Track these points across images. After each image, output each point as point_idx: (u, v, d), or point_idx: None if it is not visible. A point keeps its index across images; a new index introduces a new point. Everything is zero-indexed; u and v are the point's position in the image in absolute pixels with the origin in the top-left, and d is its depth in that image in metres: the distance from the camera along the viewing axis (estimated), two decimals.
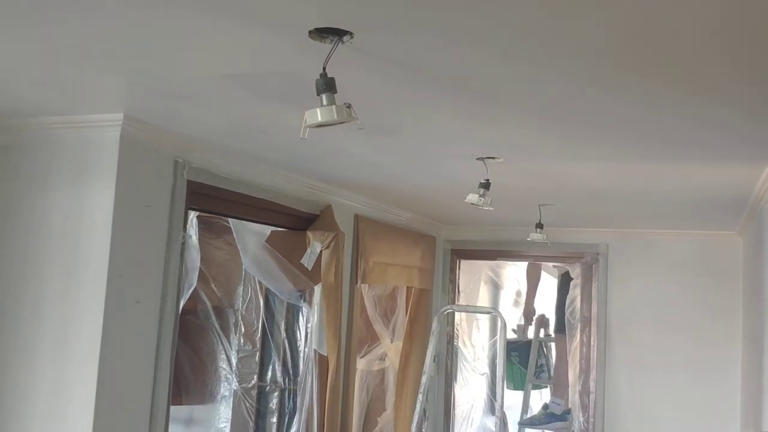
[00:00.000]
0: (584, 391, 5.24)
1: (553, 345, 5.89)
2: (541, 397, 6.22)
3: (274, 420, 4.05)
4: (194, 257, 3.43)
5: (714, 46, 1.56)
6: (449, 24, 1.51)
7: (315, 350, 3.73)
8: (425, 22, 1.51)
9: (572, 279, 5.52)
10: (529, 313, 6.16)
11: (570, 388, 5.41)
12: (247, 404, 4.11)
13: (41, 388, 2.50)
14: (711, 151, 2.57)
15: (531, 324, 6.10)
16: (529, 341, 5.98)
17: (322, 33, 1.55)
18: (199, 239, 3.55)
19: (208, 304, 4.09)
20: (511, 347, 6.01)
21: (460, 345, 6.09)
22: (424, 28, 1.54)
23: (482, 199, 2.94)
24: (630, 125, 2.27)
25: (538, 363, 5.88)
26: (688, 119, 2.15)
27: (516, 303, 7.15)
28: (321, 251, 3.63)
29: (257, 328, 4.14)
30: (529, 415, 5.75)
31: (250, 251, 3.65)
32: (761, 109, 2.00)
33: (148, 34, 1.68)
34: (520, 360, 6.04)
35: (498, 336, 5.72)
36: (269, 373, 4.11)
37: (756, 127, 2.19)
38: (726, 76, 1.75)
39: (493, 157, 2.84)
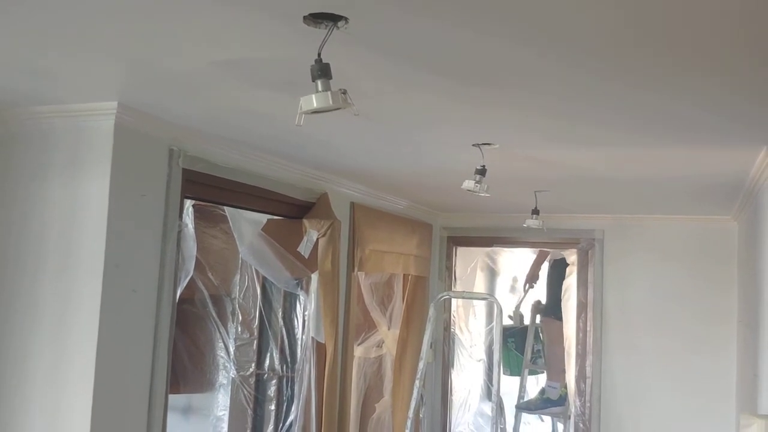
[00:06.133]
0: (580, 376, 5.27)
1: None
2: (537, 383, 6.26)
3: (273, 407, 4.06)
4: (190, 246, 3.42)
5: (716, 26, 1.55)
6: (445, 8, 1.50)
7: (312, 338, 3.74)
8: (421, 7, 1.50)
9: (568, 265, 5.54)
10: (533, 277, 6.12)
11: (566, 373, 5.44)
12: (245, 392, 4.12)
13: (38, 378, 2.50)
14: (708, 133, 2.57)
15: (532, 286, 6.09)
16: (526, 327, 6.01)
17: (316, 18, 1.54)
18: (195, 228, 3.54)
19: (205, 292, 4.09)
20: (508, 333, 6.04)
21: (457, 331, 6.11)
22: (420, 13, 1.53)
23: (478, 185, 2.94)
24: (627, 108, 2.27)
25: (535, 348, 5.90)
26: (688, 100, 2.15)
27: (512, 289, 7.17)
28: (317, 239, 3.63)
29: (254, 316, 4.15)
30: (525, 400, 5.79)
31: (246, 240, 3.64)
32: (762, 90, 1.99)
33: (142, 21, 1.67)
34: (517, 346, 6.06)
35: (494, 322, 5.74)
36: (267, 361, 4.12)
37: (756, 108, 2.19)
38: (728, 55, 1.74)
39: (488, 144, 2.84)
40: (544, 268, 6.17)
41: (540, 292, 6.13)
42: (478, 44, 1.71)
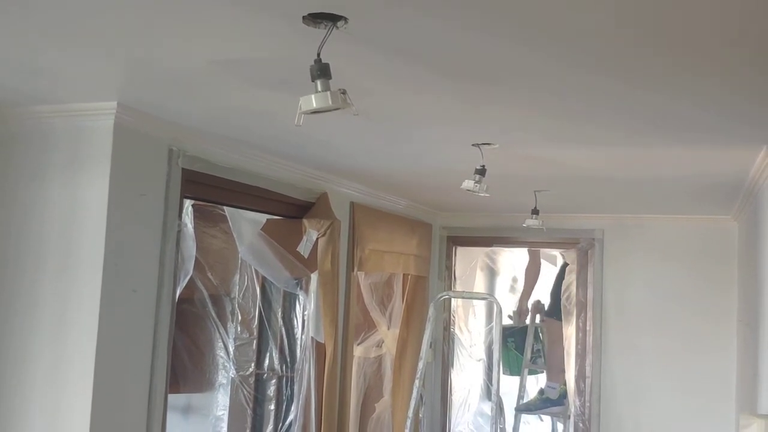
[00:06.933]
0: (580, 376, 5.27)
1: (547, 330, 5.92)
2: (537, 382, 6.25)
3: (272, 407, 4.06)
4: (190, 246, 3.42)
5: (716, 25, 1.55)
6: (445, 7, 1.50)
7: (312, 338, 3.74)
8: (420, 6, 1.50)
9: (567, 264, 5.55)
10: (521, 310, 6.18)
11: (565, 373, 5.44)
12: (245, 392, 4.12)
13: (38, 378, 2.50)
14: (708, 133, 2.57)
15: (524, 321, 6.14)
16: (526, 327, 6.01)
17: (316, 18, 1.54)
18: (195, 228, 3.54)
19: (205, 292, 4.08)
20: (507, 333, 6.04)
21: (457, 331, 6.11)
22: (419, 13, 1.53)
23: (478, 185, 2.94)
24: (627, 107, 2.27)
25: (534, 348, 5.90)
26: (687, 100, 2.15)
27: (512, 289, 7.17)
28: (317, 239, 3.62)
29: (254, 316, 4.15)
30: (525, 400, 5.79)
31: (246, 239, 3.64)
32: (762, 89, 1.99)
33: (142, 21, 1.67)
34: (517, 345, 6.06)
35: (494, 322, 5.75)
36: (266, 361, 4.12)
37: (756, 108, 2.19)
38: (728, 55, 1.74)
39: (488, 143, 2.84)
40: (545, 267, 6.20)
41: (540, 292, 6.14)
42: (477, 43, 1.71)
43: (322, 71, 1.60)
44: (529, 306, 6.10)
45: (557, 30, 1.60)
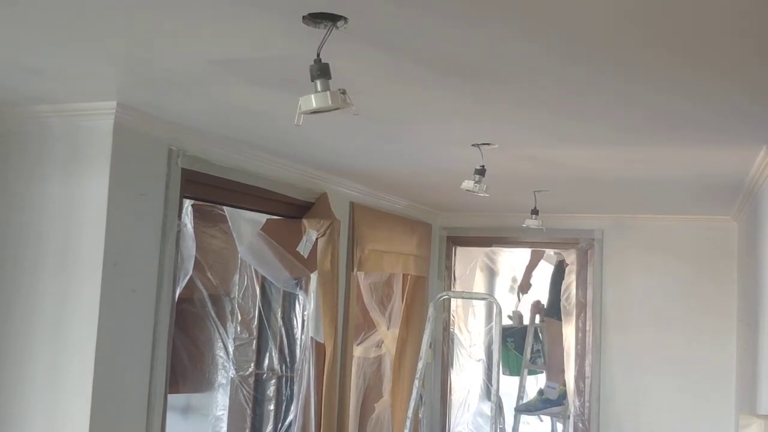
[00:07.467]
0: (580, 376, 5.27)
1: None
2: (536, 382, 6.26)
3: (272, 407, 4.06)
4: (189, 246, 3.42)
5: (718, 24, 1.55)
6: (444, 6, 1.50)
7: (312, 338, 3.74)
8: (420, 6, 1.50)
9: (567, 265, 5.55)
10: (525, 286, 6.18)
11: (565, 373, 5.44)
12: (245, 392, 4.12)
13: (38, 378, 2.50)
14: (708, 132, 2.57)
15: (525, 293, 6.13)
16: (525, 327, 6.01)
17: (315, 18, 1.54)
18: (195, 228, 3.53)
19: (205, 292, 4.08)
20: (507, 333, 6.04)
21: (456, 331, 6.11)
22: (419, 12, 1.53)
23: (478, 185, 2.94)
24: (628, 107, 2.27)
25: (534, 348, 5.91)
26: (688, 99, 2.14)
27: (512, 289, 7.17)
28: (317, 239, 3.62)
29: (254, 316, 4.15)
30: (525, 400, 5.79)
31: (245, 239, 3.64)
32: (762, 89, 1.99)
33: (141, 20, 1.67)
34: (516, 346, 6.07)
35: (494, 322, 5.75)
36: (266, 361, 4.12)
37: (756, 107, 2.19)
38: (729, 54, 1.73)
39: (488, 144, 2.84)
40: (539, 272, 6.19)
41: (540, 292, 6.14)
42: (478, 42, 1.71)
43: (321, 71, 1.59)
44: (532, 282, 6.09)
45: (558, 28, 1.60)
